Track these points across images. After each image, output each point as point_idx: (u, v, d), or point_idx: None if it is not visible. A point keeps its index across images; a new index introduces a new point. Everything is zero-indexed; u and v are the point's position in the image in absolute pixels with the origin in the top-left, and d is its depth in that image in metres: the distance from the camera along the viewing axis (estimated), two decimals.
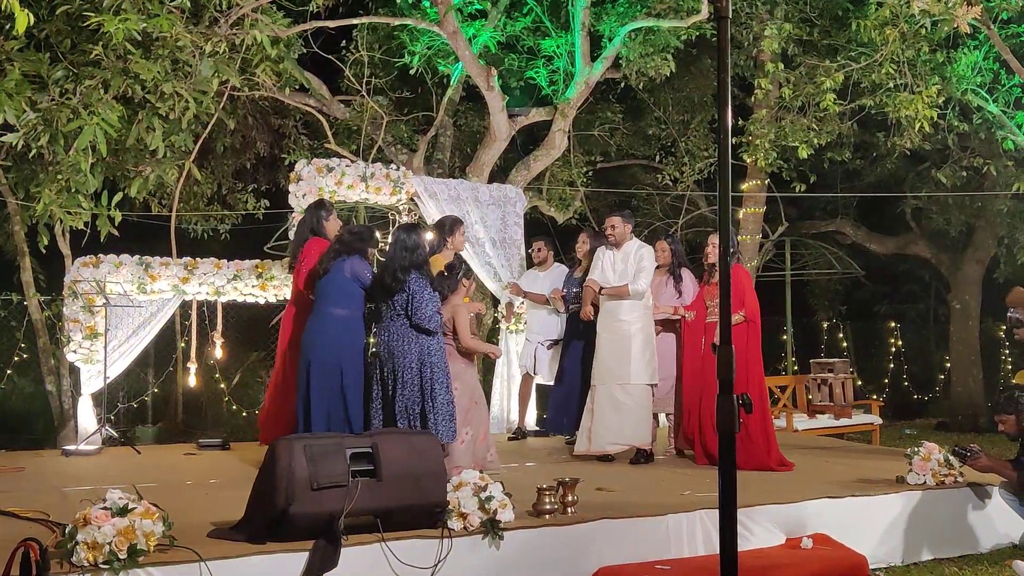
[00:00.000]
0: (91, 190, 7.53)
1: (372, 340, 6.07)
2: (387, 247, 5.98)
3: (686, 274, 7.62)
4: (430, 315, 5.66)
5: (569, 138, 11.08)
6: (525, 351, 8.38)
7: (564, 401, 7.81)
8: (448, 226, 7.09)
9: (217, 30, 7.66)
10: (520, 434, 8.34)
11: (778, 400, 10.51)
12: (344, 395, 5.84)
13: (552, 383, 8.13)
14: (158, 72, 7.09)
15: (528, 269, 8.83)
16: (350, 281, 5.96)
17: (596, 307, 7.25)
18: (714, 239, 6.98)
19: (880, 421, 10.71)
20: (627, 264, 7.07)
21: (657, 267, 7.56)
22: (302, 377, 5.94)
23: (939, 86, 9.62)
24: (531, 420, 9.12)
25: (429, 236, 6.84)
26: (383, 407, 5.70)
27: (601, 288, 7.14)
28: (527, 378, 8.47)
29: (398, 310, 5.69)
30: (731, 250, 6.77)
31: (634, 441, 6.97)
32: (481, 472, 4.72)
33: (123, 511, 3.82)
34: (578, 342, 7.66)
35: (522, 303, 8.84)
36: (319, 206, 6.84)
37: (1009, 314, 5.30)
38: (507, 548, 4.49)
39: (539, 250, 8.51)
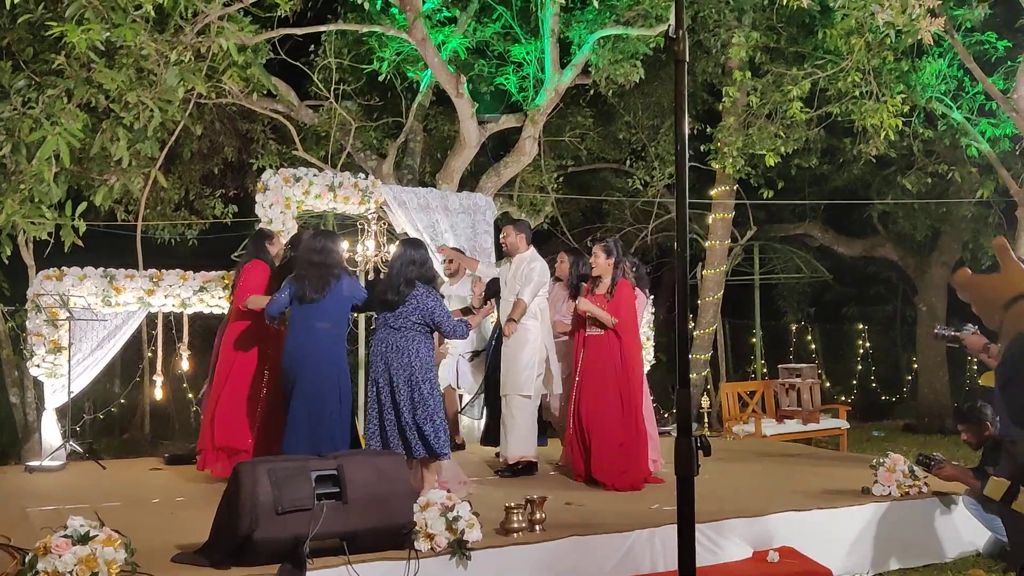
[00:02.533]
0: (55, 200, 7.42)
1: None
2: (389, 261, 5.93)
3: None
4: (455, 324, 5.74)
5: (539, 144, 11.08)
6: (446, 365, 8.15)
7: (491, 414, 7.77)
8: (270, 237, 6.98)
9: (183, 38, 7.57)
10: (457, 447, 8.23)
11: (747, 405, 10.59)
12: (340, 409, 5.85)
13: (473, 395, 8.10)
14: (122, 81, 7.00)
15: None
16: (348, 300, 5.95)
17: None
18: (597, 249, 6.77)
19: (847, 425, 10.80)
20: (516, 276, 6.96)
21: (558, 280, 7.46)
22: (299, 391, 5.84)
23: (904, 94, 9.74)
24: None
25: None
26: (384, 422, 5.64)
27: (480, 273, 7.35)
28: (450, 391, 8.28)
29: (400, 323, 5.63)
30: (619, 263, 6.70)
31: (517, 454, 6.83)
32: (448, 492, 4.71)
33: (84, 539, 3.78)
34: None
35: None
36: (262, 236, 6.92)
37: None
38: (475, 568, 4.48)
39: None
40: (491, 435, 7.62)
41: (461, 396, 8.52)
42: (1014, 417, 1.54)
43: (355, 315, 6.13)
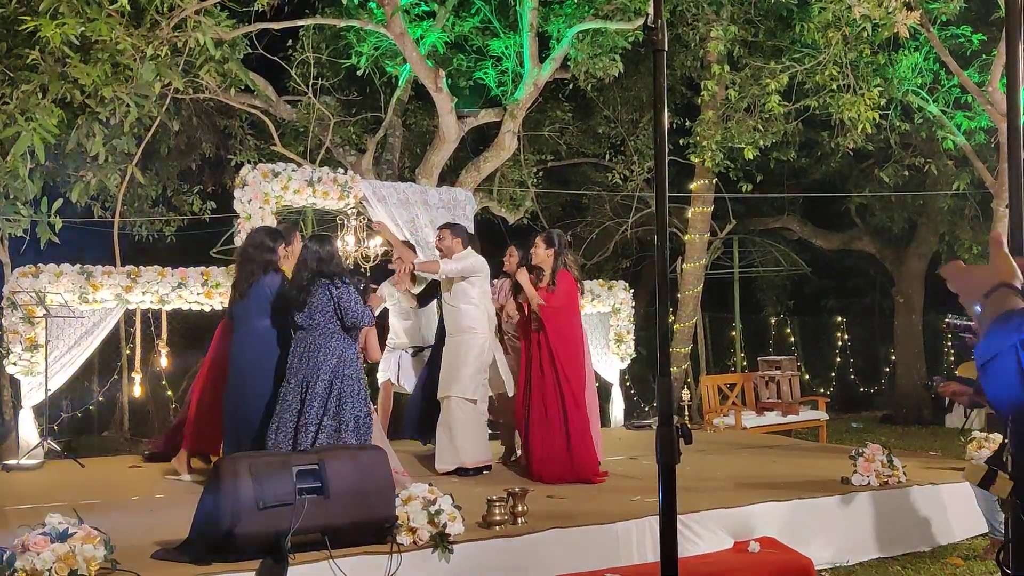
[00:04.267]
0: (30, 196, 7.37)
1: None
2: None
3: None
4: (362, 311, 5.61)
5: (519, 138, 11.07)
6: (388, 359, 7.94)
7: (412, 405, 7.61)
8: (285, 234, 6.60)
9: (159, 33, 7.52)
10: None
11: (727, 398, 10.65)
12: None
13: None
14: (98, 76, 6.95)
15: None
16: (268, 296, 5.91)
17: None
18: (538, 239, 6.74)
19: (826, 417, 10.89)
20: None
21: (506, 275, 7.32)
22: (250, 392, 5.82)
23: (881, 87, 9.80)
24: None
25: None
26: (299, 425, 5.54)
27: (415, 263, 6.99)
28: (388, 385, 8.06)
29: (316, 320, 5.57)
30: (560, 255, 6.66)
31: (466, 461, 6.69)
32: (431, 485, 4.70)
33: (63, 536, 3.75)
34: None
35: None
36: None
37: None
38: (457, 561, 4.48)
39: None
40: (426, 429, 7.43)
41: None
42: (993, 402, 1.58)
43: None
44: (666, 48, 2.16)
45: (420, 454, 7.56)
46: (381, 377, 8.03)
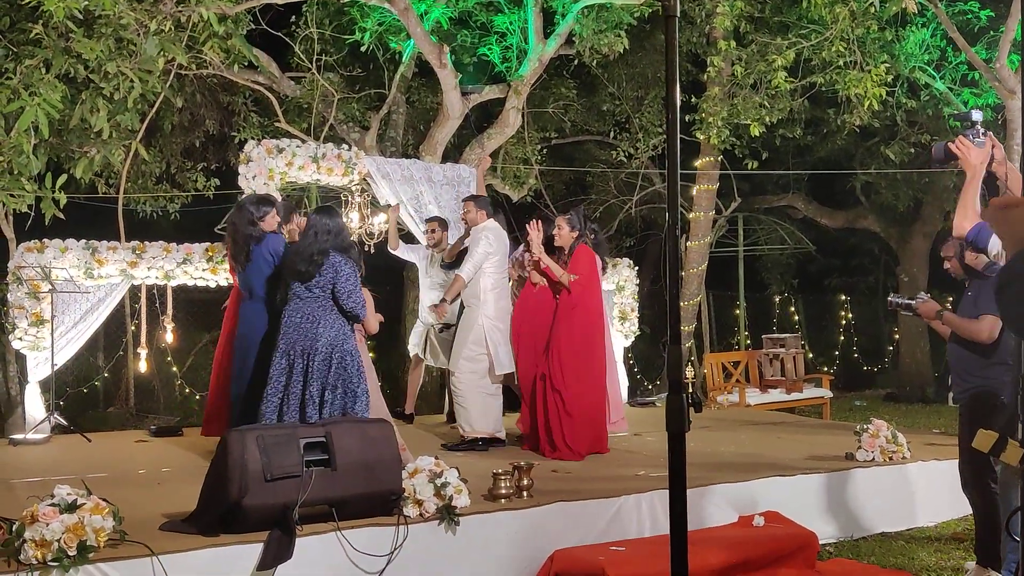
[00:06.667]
0: (34, 172, 7.34)
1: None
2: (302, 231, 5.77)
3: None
4: (360, 300, 5.53)
5: (523, 115, 11.03)
6: (417, 333, 8.09)
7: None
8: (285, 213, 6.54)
9: (162, 7, 7.49)
10: (405, 418, 8.11)
11: (731, 376, 10.66)
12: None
13: (441, 367, 7.99)
14: (101, 51, 6.92)
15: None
16: (271, 263, 5.91)
17: None
18: (561, 220, 6.78)
19: (830, 395, 10.90)
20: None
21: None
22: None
23: (888, 64, 9.74)
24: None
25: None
26: (288, 395, 5.45)
27: (448, 297, 7.01)
28: (417, 361, 8.18)
29: (316, 292, 5.48)
30: (581, 236, 6.66)
31: (476, 430, 6.71)
32: (436, 458, 4.72)
33: (71, 507, 3.76)
34: None
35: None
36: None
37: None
38: (463, 533, 4.51)
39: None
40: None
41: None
42: (1009, 323, 1.67)
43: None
44: (678, 14, 2.15)
45: (427, 428, 7.61)
46: (411, 351, 8.17)
